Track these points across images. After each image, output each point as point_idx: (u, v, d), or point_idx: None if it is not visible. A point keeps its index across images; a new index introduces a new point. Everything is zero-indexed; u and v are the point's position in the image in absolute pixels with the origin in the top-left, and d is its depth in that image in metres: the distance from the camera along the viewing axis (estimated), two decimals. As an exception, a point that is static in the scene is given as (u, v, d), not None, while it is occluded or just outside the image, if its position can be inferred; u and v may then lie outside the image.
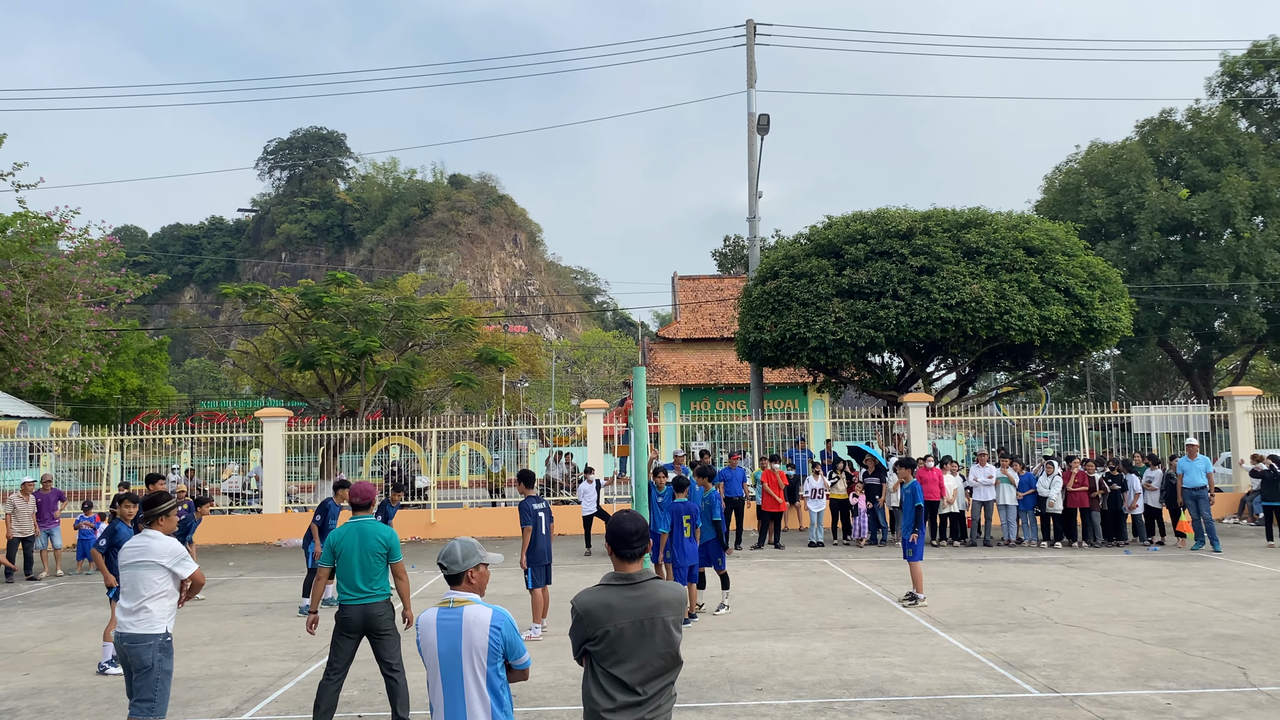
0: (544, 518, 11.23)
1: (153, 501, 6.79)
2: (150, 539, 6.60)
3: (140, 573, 6.49)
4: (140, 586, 6.47)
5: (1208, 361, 42.59)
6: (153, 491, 7.16)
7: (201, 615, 13.19)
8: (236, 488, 25.61)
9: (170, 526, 6.79)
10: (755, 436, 24.54)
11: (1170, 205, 36.17)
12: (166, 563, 6.51)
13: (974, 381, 28.23)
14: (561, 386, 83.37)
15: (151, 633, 6.42)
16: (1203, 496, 18.00)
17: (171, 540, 6.63)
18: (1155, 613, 11.95)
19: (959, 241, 22.89)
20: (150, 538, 6.61)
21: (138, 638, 6.40)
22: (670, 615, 4.32)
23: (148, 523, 6.70)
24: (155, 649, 6.43)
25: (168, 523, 6.75)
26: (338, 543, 7.40)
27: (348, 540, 7.38)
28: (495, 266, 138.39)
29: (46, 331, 21.57)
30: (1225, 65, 41.89)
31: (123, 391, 52.08)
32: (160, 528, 6.69)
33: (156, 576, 6.48)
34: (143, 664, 6.40)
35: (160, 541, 6.59)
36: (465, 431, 27.95)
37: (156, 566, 6.48)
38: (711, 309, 38.60)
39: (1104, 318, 22.39)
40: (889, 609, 12.51)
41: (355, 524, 7.48)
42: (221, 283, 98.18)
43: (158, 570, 6.48)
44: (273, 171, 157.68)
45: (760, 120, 26.06)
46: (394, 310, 28.18)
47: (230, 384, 77.24)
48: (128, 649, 6.40)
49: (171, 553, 6.55)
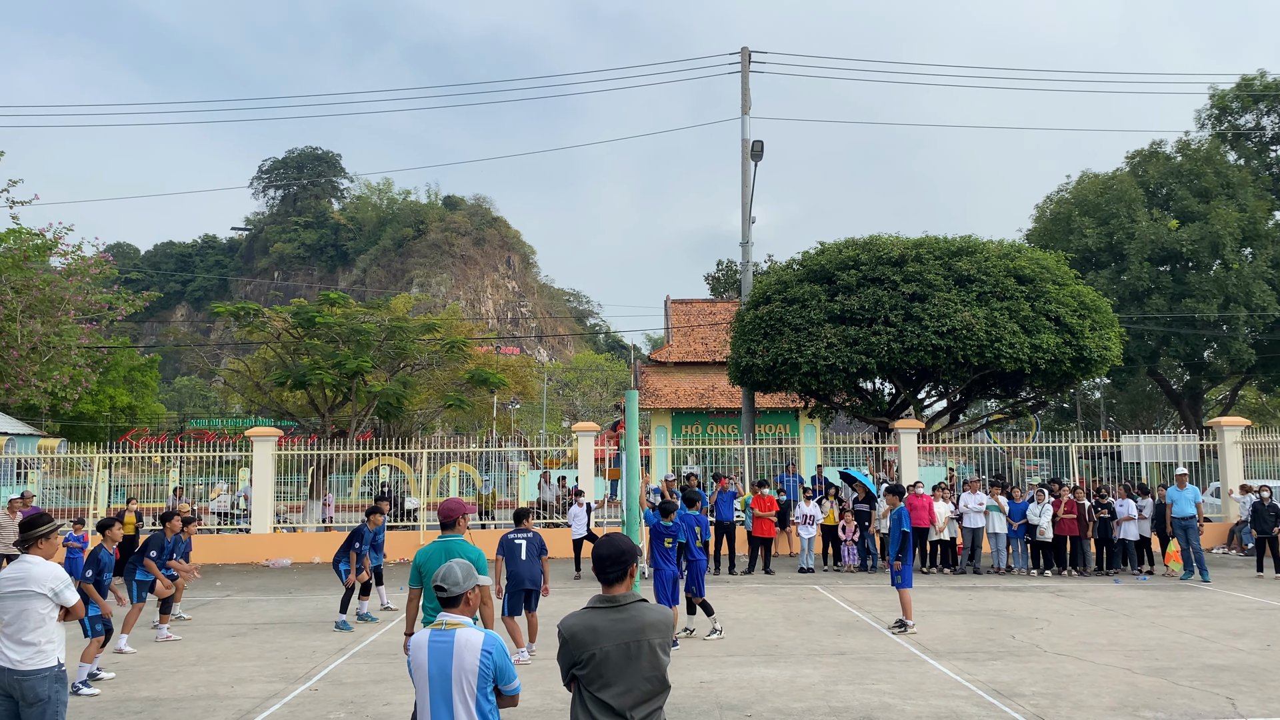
0: (524, 545, 11.23)
1: (31, 524, 6.25)
2: (30, 565, 6.08)
3: (23, 603, 5.97)
4: (25, 619, 5.96)
5: (1197, 391, 42.79)
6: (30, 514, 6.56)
7: (188, 635, 13.10)
8: (225, 507, 25.46)
9: (51, 550, 6.27)
10: (746, 461, 24.53)
11: (1160, 236, 36.46)
12: (49, 590, 6.04)
13: (965, 408, 28.30)
14: (553, 408, 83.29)
15: (44, 666, 5.94)
16: (1192, 526, 18.03)
17: (53, 566, 6.16)
18: (1144, 642, 11.95)
19: (950, 269, 23.03)
20: (30, 564, 6.09)
21: (30, 673, 5.89)
22: (656, 638, 4.31)
23: (24, 546, 6.18)
24: (50, 680, 5.96)
25: (48, 546, 6.23)
26: (424, 563, 7.05)
27: (434, 560, 6.99)
28: (488, 288, 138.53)
29: (37, 348, 21.49)
30: (1214, 98, 42.38)
31: (112, 409, 51.87)
32: (39, 552, 6.19)
33: (40, 606, 6.00)
34: (37, 697, 5.90)
35: (41, 568, 6.09)
36: (456, 453, 27.90)
37: (38, 596, 6.00)
38: (704, 333, 38.67)
39: (1094, 347, 22.50)
40: (879, 636, 12.49)
41: (441, 543, 7.09)
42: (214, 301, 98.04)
43: (40, 600, 6.00)
44: (267, 190, 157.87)
45: (754, 146, 26.24)
46: (386, 330, 28.17)
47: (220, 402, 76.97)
48: (20, 683, 5.87)
49: (54, 578, 6.09)
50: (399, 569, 20.55)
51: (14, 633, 5.97)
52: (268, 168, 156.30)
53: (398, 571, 20.09)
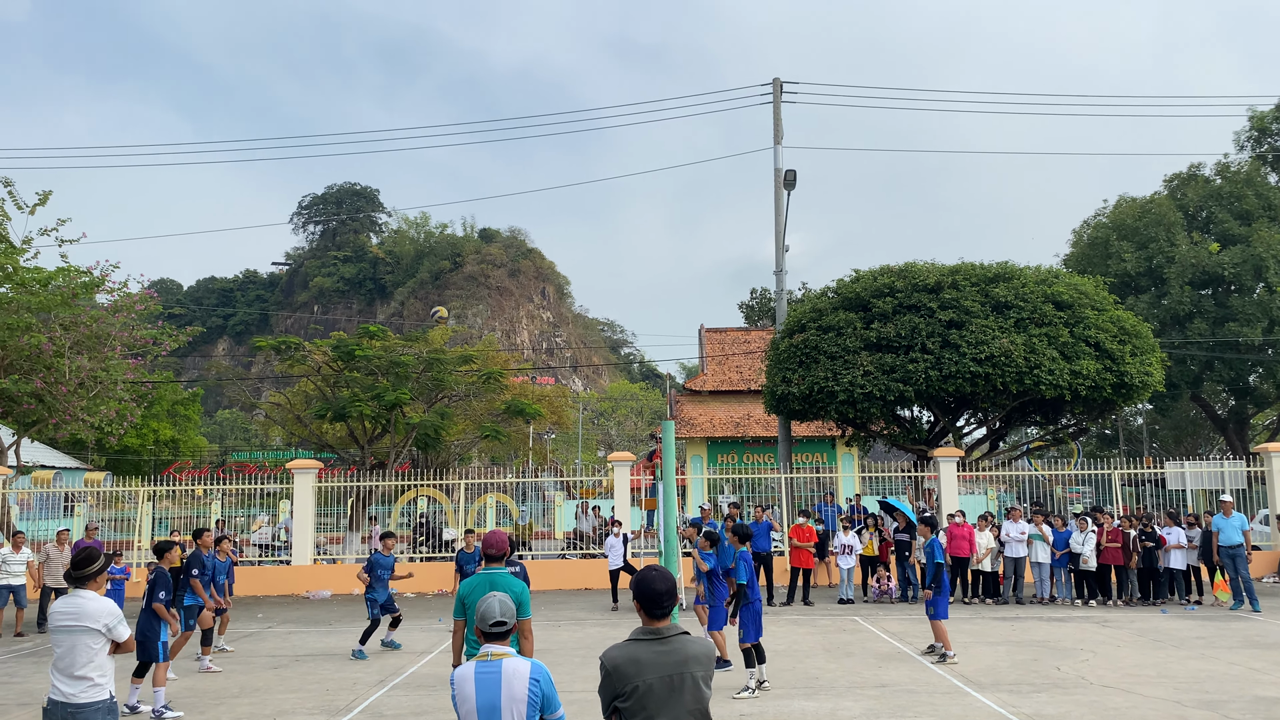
0: None
1: (82, 562, 6.37)
2: (83, 600, 6.18)
3: (75, 638, 6.07)
4: (77, 653, 6.05)
5: (1243, 416, 42.02)
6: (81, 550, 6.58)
7: (230, 667, 13.22)
8: (266, 539, 25.73)
9: (101, 587, 6.38)
10: (783, 490, 24.43)
11: (1201, 259, 36.00)
12: (102, 626, 6.10)
13: (1004, 436, 28.00)
14: (588, 438, 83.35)
15: (97, 700, 6.04)
16: (1240, 555, 17.67)
17: (106, 601, 6.25)
18: (1194, 674, 11.72)
19: (987, 295, 22.89)
20: (83, 599, 6.18)
21: (83, 706, 5.99)
22: (699, 670, 4.32)
23: (78, 584, 6.29)
24: (103, 713, 6.05)
25: (98, 583, 6.34)
26: (468, 594, 6.93)
27: (478, 593, 6.81)
28: (523, 318, 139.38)
29: (84, 383, 21.95)
30: (1253, 120, 41.88)
31: (156, 442, 52.66)
32: (92, 588, 6.29)
33: (92, 641, 6.08)
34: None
35: (95, 603, 6.17)
36: (492, 483, 28.01)
37: (91, 631, 6.08)
38: (738, 361, 38.63)
39: (1135, 372, 22.22)
40: (921, 668, 12.35)
41: (486, 575, 6.96)
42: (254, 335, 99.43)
43: (93, 635, 6.08)
44: (307, 226, 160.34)
45: (787, 176, 26.33)
46: (424, 362, 28.44)
47: (261, 435, 77.84)
48: (73, 716, 5.97)
49: (108, 613, 6.13)
50: (438, 601, 20.62)
51: (66, 667, 6.05)
52: (307, 203, 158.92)
53: (437, 603, 20.16)
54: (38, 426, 23.22)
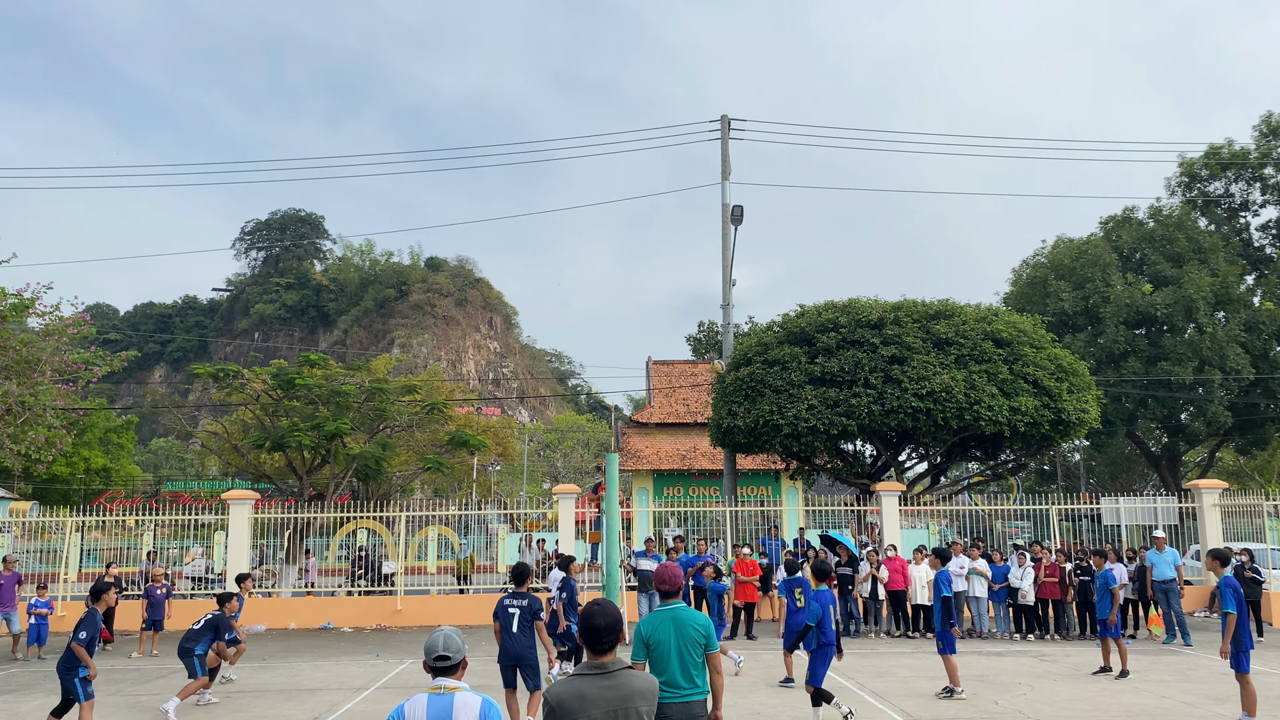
0: (516, 614, 10.22)
1: None
2: None
3: None
4: None
5: (1175, 453, 43.07)
6: None
7: (154, 704, 12.78)
8: (199, 571, 25.06)
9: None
10: (728, 523, 24.44)
11: (1135, 300, 36.98)
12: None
13: (946, 471, 28.35)
14: (534, 470, 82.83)
15: None
16: (1172, 589, 18.02)
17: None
18: (1128, 707, 11.88)
19: (929, 332, 23.26)
20: None
21: None
22: (644, 705, 4.28)
23: None
24: None
25: None
26: (651, 634, 6.45)
27: (662, 631, 6.44)
28: (470, 348, 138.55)
29: (12, 409, 21.27)
30: (1184, 166, 43.32)
31: (86, 471, 51.19)
32: None
33: None
34: None
35: None
36: (435, 516, 27.67)
37: None
38: (685, 394, 38.72)
39: (1072, 409, 22.67)
40: (862, 702, 12.35)
41: (668, 612, 6.53)
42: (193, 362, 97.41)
43: None
44: (249, 252, 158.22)
45: (734, 211, 26.59)
46: (366, 392, 28.07)
47: (197, 465, 76.18)
48: None
49: None
50: (375, 636, 20.20)
51: None
52: (250, 229, 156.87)
53: (374, 639, 19.75)
54: (-39, 453, 22.43)
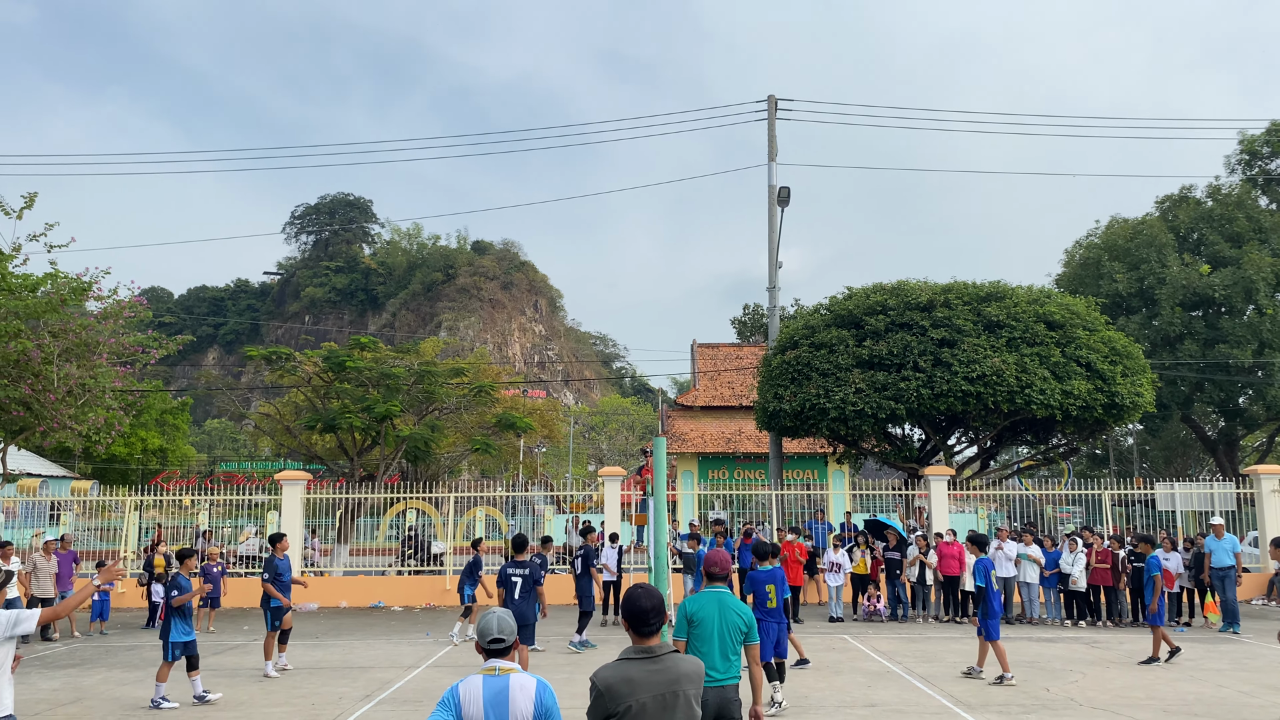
0: (519, 582, 11.42)
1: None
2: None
3: None
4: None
5: (1233, 438, 42.13)
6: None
7: (215, 681, 13.09)
8: (253, 550, 25.54)
9: None
10: (774, 507, 24.38)
11: (1192, 281, 36.16)
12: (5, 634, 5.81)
13: (995, 455, 28.00)
14: (579, 452, 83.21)
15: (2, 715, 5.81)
16: (1229, 577, 17.67)
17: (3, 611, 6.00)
18: (1182, 696, 11.68)
19: (979, 314, 22.94)
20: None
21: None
22: (691, 689, 4.28)
23: None
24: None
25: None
26: (695, 612, 6.53)
27: (707, 611, 6.51)
28: (515, 331, 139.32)
29: (73, 391, 21.76)
30: (1244, 143, 42.17)
31: (144, 451, 52.43)
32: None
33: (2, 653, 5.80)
34: None
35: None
36: (482, 497, 27.89)
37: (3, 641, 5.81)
38: (730, 377, 38.62)
39: (1126, 393, 22.27)
40: (909, 687, 12.29)
41: (715, 595, 6.59)
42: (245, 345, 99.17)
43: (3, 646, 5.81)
44: (299, 236, 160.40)
45: (780, 193, 26.37)
46: (415, 375, 28.35)
47: (250, 446, 77.53)
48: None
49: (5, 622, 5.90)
50: (424, 615, 20.46)
51: None
52: (300, 213, 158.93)
53: (424, 617, 20.01)
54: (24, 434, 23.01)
